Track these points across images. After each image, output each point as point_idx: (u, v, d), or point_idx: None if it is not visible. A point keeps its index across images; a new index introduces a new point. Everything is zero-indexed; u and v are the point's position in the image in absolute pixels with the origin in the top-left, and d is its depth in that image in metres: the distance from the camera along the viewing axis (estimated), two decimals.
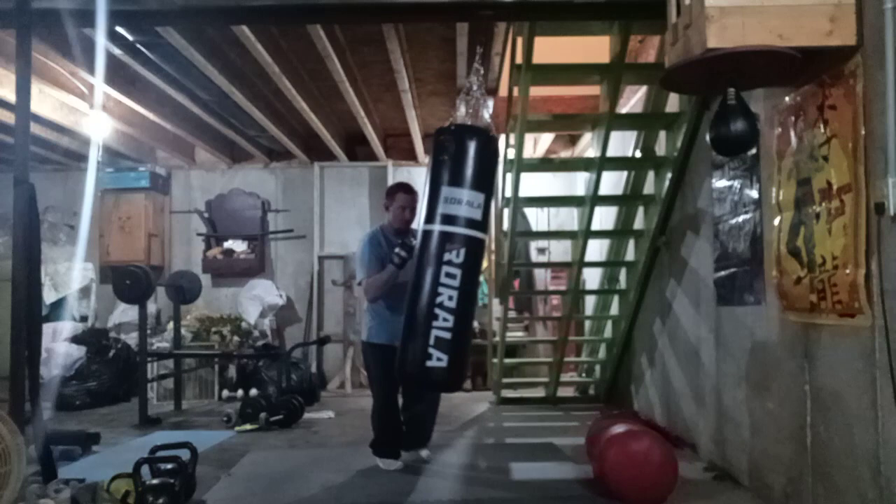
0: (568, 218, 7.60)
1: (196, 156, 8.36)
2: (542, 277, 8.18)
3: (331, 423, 5.80)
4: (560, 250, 7.83)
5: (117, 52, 4.78)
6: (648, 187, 5.23)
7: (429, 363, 3.27)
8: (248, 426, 5.41)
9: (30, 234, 3.63)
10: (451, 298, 3.28)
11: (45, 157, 7.57)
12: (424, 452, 4.24)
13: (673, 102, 4.71)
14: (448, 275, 3.29)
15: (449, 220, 3.35)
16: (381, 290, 3.93)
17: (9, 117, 5.08)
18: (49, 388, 6.18)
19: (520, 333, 7.76)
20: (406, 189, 4.10)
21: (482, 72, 3.69)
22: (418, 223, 3.55)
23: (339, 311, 8.08)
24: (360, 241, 4.19)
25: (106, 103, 6.07)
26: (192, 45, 4.64)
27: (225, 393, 6.88)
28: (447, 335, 3.26)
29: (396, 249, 3.82)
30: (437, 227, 3.36)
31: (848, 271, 2.55)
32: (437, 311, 3.27)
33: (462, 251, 3.30)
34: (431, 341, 3.26)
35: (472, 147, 3.37)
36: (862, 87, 2.48)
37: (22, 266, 3.59)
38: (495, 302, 6.97)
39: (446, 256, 3.30)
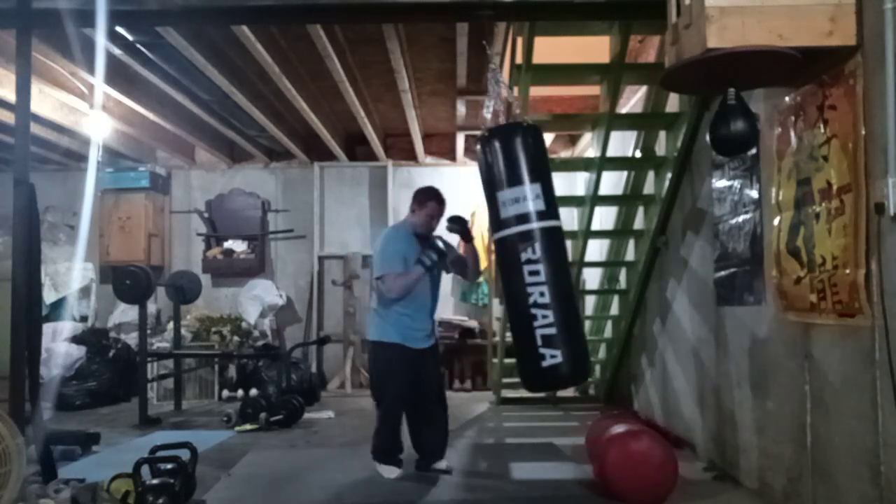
0: (568, 218, 7.55)
1: (196, 156, 8.36)
2: None
3: (331, 423, 5.80)
4: None
5: (117, 52, 4.78)
6: (648, 187, 5.23)
7: (544, 363, 3.26)
8: (248, 426, 5.41)
9: (30, 234, 3.63)
10: (542, 294, 3.26)
11: (45, 157, 7.57)
12: (444, 464, 4.03)
13: (673, 102, 4.70)
14: (531, 273, 3.28)
15: (512, 221, 3.37)
16: (407, 290, 3.82)
17: (9, 117, 5.07)
18: (49, 388, 6.18)
19: None
20: (440, 200, 3.98)
21: (499, 70, 3.71)
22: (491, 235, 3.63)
23: (339, 311, 8.07)
24: (383, 234, 4.09)
25: (106, 103, 6.07)
26: (192, 45, 4.64)
27: (225, 393, 6.88)
28: (552, 331, 3.25)
29: (428, 252, 3.79)
30: (504, 233, 3.41)
31: (848, 271, 2.55)
32: (534, 310, 3.25)
33: (536, 246, 3.30)
34: (539, 342, 3.25)
35: (505, 145, 3.39)
36: (862, 87, 2.48)
37: (22, 266, 3.59)
38: (495, 302, 6.97)
39: (523, 256, 3.30)
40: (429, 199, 3.97)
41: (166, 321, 7.62)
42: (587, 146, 7.06)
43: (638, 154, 5.28)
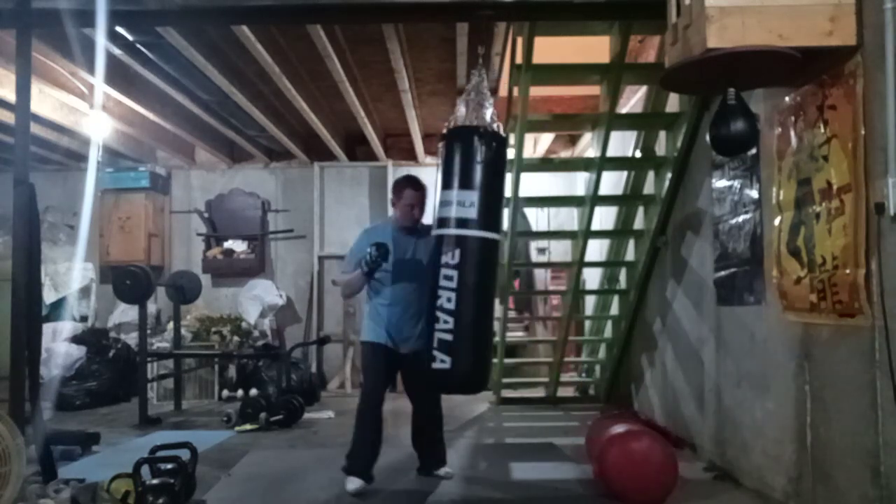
0: (568, 218, 7.60)
1: (196, 156, 8.36)
2: (542, 277, 8.17)
3: (331, 423, 5.79)
4: (560, 250, 7.82)
5: (117, 52, 4.78)
6: (648, 187, 5.23)
7: (433, 364, 3.28)
8: (248, 426, 5.41)
9: (30, 234, 3.63)
10: (449, 300, 3.25)
11: (45, 157, 7.56)
12: (444, 470, 3.92)
13: (673, 102, 4.71)
14: (446, 277, 3.27)
15: (442, 223, 3.37)
16: (348, 291, 3.87)
17: (9, 117, 5.07)
18: (49, 388, 6.18)
19: (520, 333, 7.76)
20: (414, 185, 3.78)
21: (484, 72, 3.68)
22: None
23: (339, 311, 8.08)
24: (356, 237, 3.91)
25: (106, 103, 6.07)
26: (192, 46, 4.63)
27: (225, 393, 6.88)
28: (448, 337, 3.25)
29: (369, 250, 3.57)
30: (436, 232, 3.43)
31: (848, 271, 2.55)
32: (438, 313, 3.27)
33: (457, 252, 3.28)
34: (435, 343, 3.27)
35: (454, 148, 3.38)
36: (862, 87, 2.48)
37: (22, 266, 3.59)
38: (495, 302, 6.96)
39: (443, 259, 3.29)
40: (403, 187, 3.78)
41: (166, 321, 7.62)
42: (587, 146, 7.06)
43: (638, 154, 5.28)
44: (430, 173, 8.32)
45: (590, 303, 6.86)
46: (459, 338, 3.27)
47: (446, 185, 3.36)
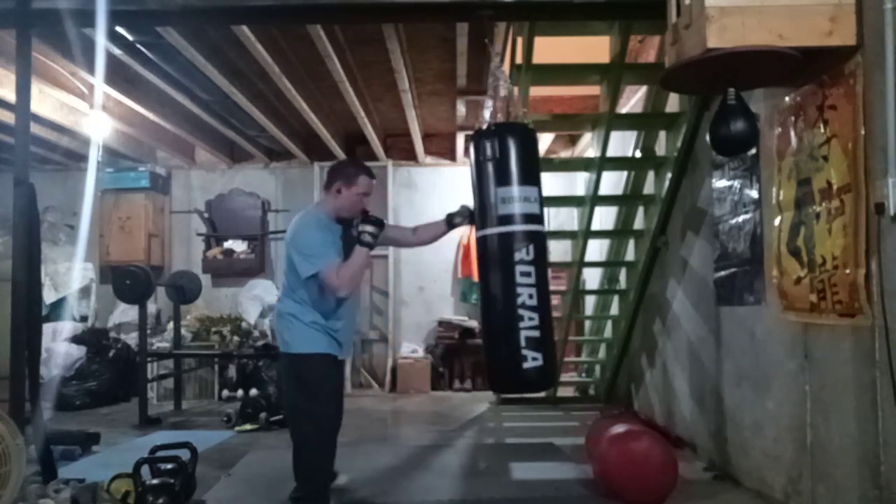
0: (568, 218, 7.59)
1: (196, 156, 8.36)
2: None
3: None
4: (560, 250, 7.82)
5: (117, 52, 4.78)
6: (648, 187, 5.23)
7: (525, 364, 3.20)
8: (248, 426, 5.41)
9: (30, 234, 3.63)
10: (531, 297, 3.21)
11: (45, 157, 7.57)
12: (343, 479, 3.66)
13: (673, 102, 4.71)
14: (523, 273, 3.22)
15: (506, 219, 3.26)
16: (360, 277, 3.23)
17: (9, 117, 5.08)
18: (49, 388, 6.18)
19: None
20: (370, 172, 3.31)
21: (503, 68, 3.68)
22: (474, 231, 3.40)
23: None
24: (301, 223, 3.21)
25: (106, 103, 6.07)
26: (192, 45, 4.64)
27: (225, 393, 6.88)
28: (537, 333, 3.21)
29: (363, 226, 3.12)
30: (498, 230, 3.28)
31: (848, 271, 2.55)
32: (521, 311, 3.21)
33: (531, 247, 3.23)
34: (523, 343, 3.20)
35: (514, 143, 3.30)
36: (862, 87, 2.48)
37: (22, 266, 3.59)
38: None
39: (517, 256, 3.22)
40: (357, 173, 3.24)
41: (166, 321, 7.62)
42: (587, 146, 7.07)
43: (638, 154, 5.28)
44: (430, 173, 8.44)
45: (590, 303, 6.86)
46: (546, 332, 3.25)
47: (503, 181, 3.26)
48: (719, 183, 3.95)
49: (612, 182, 5.61)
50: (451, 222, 3.47)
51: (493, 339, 3.36)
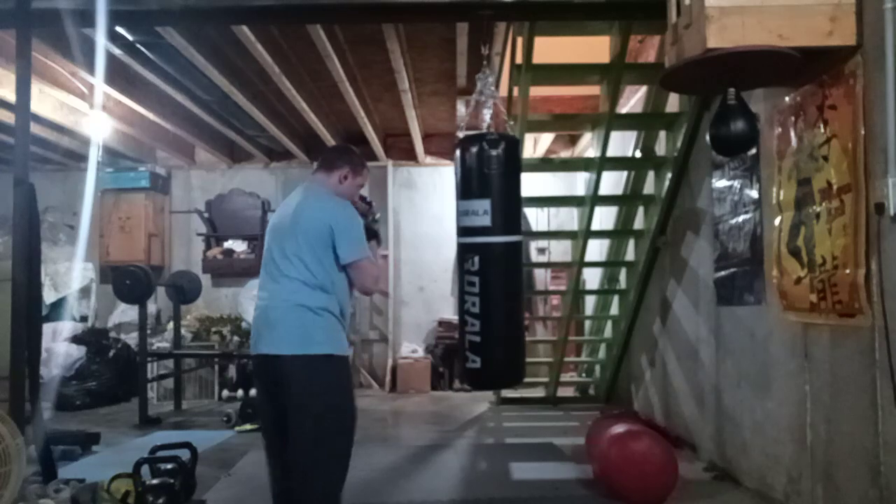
0: (568, 218, 7.60)
1: (196, 156, 8.36)
2: (542, 277, 8.18)
3: None
4: (560, 250, 7.82)
5: (117, 52, 4.78)
6: (648, 187, 5.23)
7: (467, 365, 3.56)
8: (248, 426, 5.41)
9: (30, 234, 3.63)
10: (474, 305, 3.47)
11: (45, 157, 7.56)
12: None
13: (673, 102, 4.71)
14: (469, 283, 3.51)
15: (461, 231, 3.58)
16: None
17: (9, 117, 5.07)
18: (49, 388, 6.17)
19: None
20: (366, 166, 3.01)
21: (490, 78, 3.71)
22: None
23: None
24: (340, 208, 2.73)
25: (106, 103, 6.07)
26: (192, 45, 4.63)
27: (225, 393, 6.88)
28: (476, 339, 3.50)
29: (372, 218, 2.96)
30: (457, 240, 3.64)
31: (848, 271, 2.55)
32: (466, 317, 3.52)
33: (475, 258, 3.47)
34: (467, 345, 3.54)
35: (466, 157, 3.54)
36: (862, 87, 2.48)
37: (22, 266, 3.59)
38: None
39: (465, 266, 3.53)
40: (364, 165, 2.98)
41: (166, 321, 7.62)
42: (587, 146, 7.06)
43: (638, 154, 5.28)
44: (430, 173, 8.43)
45: (590, 303, 6.86)
46: (487, 338, 3.51)
47: (458, 194, 3.57)
48: (719, 183, 3.95)
49: (612, 182, 5.61)
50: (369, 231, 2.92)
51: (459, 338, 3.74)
